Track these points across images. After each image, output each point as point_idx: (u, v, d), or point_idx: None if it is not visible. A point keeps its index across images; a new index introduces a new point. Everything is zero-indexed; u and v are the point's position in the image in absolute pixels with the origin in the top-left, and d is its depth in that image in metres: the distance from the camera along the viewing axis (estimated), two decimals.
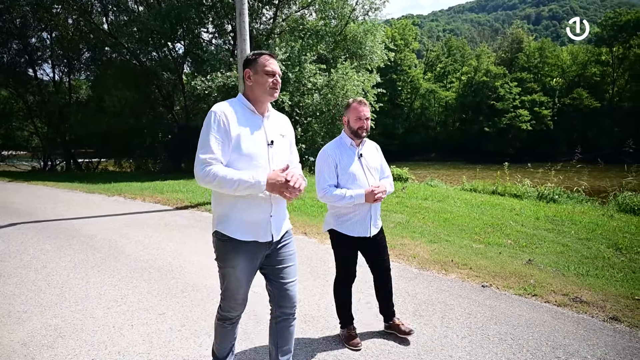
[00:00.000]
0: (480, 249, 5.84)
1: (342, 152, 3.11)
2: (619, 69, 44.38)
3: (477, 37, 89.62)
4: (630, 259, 5.53)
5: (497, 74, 46.15)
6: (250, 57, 2.37)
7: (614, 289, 4.40)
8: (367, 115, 3.10)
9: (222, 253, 2.36)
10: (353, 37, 18.55)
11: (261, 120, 2.36)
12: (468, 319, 3.68)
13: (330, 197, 3.02)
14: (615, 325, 3.58)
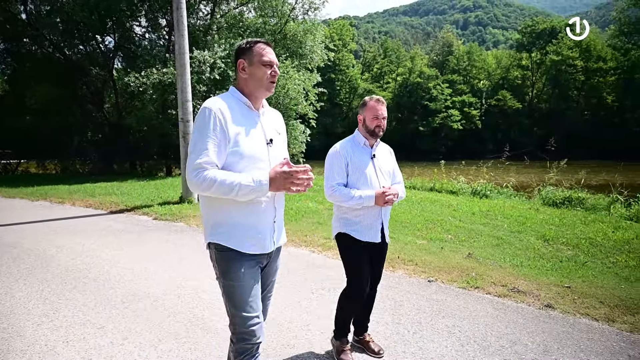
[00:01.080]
0: (424, 244, 6.04)
1: (354, 151, 2.93)
2: (537, 73, 48.09)
3: (411, 39, 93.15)
4: (556, 249, 5.98)
5: (430, 76, 48.26)
6: (244, 45, 2.10)
7: (546, 278, 4.73)
8: (384, 115, 2.92)
9: (225, 266, 2.02)
10: (293, 36, 18.52)
11: (258, 117, 2.12)
12: (418, 314, 3.78)
13: (338, 196, 2.83)
14: (549, 312, 3.84)
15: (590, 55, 43.85)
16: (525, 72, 48.61)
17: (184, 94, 8.99)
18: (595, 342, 3.31)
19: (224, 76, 14.52)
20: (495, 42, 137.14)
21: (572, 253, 5.84)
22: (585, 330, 3.51)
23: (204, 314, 3.75)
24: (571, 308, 3.91)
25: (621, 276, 4.95)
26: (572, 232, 6.73)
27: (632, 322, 3.64)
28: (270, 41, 18.21)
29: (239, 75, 2.11)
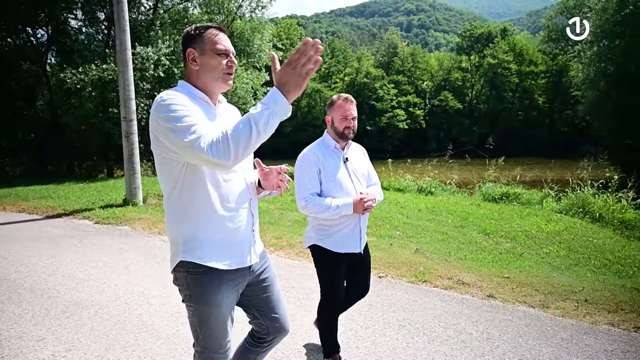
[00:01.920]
0: (374, 241, 6.19)
1: (325, 156, 2.70)
2: (476, 75, 50.52)
3: (358, 40, 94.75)
4: (496, 242, 6.34)
5: (376, 76, 49.31)
6: (192, 32, 1.79)
7: (487, 269, 5.01)
8: (354, 114, 2.71)
9: (200, 290, 1.76)
10: (240, 34, 18.28)
11: (216, 112, 1.84)
12: (369, 309, 3.88)
13: (313, 207, 2.58)
14: (491, 302, 4.07)
15: (523, 59, 46.75)
16: (465, 74, 50.89)
17: (127, 92, 8.62)
18: (531, 328, 3.55)
19: (169, 74, 14.07)
20: (437, 45, 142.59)
21: (510, 245, 6.22)
22: (523, 317, 3.76)
23: (153, 320, 3.63)
24: (510, 297, 4.17)
25: (553, 265, 5.34)
26: (510, 226, 7.16)
27: (563, 307, 3.95)
28: None
29: (189, 67, 1.80)
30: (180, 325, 3.50)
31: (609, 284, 4.63)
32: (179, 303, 3.93)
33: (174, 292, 4.17)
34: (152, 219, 7.50)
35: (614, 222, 7.63)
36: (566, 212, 8.44)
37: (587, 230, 7.08)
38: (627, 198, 8.38)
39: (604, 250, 5.95)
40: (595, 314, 3.81)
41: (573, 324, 3.65)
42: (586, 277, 4.91)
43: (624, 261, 5.51)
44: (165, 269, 4.87)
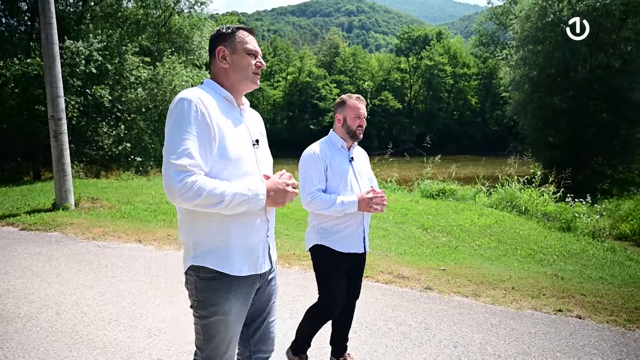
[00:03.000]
0: None
1: (332, 154, 2.68)
2: (414, 76, 52.45)
3: (300, 39, 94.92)
4: (434, 237, 6.66)
5: (318, 76, 49.72)
6: (224, 30, 1.79)
7: (425, 263, 5.26)
8: (365, 114, 2.71)
9: (209, 296, 1.70)
10: (179, 30, 17.72)
11: (240, 115, 1.83)
12: None
13: (318, 203, 2.53)
14: (429, 294, 4.29)
15: (457, 62, 49.23)
16: (404, 74, 52.64)
17: (55, 89, 8.08)
18: (465, 316, 3.79)
19: (102, 70, 13.35)
20: (377, 46, 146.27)
21: (447, 239, 6.56)
22: (457, 306, 3.99)
23: (88, 329, 3.46)
24: (446, 288, 4.41)
25: (485, 256, 5.71)
26: (446, 221, 7.55)
27: (493, 295, 4.24)
28: (154, 35, 17.26)
29: (218, 65, 1.78)
30: (119, 334, 3.38)
31: (533, 271, 5.03)
32: (117, 311, 3.78)
33: (110, 300, 4.01)
34: (86, 223, 7.11)
35: (537, 214, 8.28)
36: (496, 206, 9.02)
37: (514, 222, 7.62)
38: (549, 192, 9.11)
39: (528, 241, 6.45)
40: (520, 300, 4.13)
41: (502, 310, 3.93)
42: (513, 266, 5.30)
43: (546, 250, 6.00)
44: (101, 276, 4.65)
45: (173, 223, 6.93)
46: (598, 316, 3.81)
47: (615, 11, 19.06)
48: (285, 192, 1.74)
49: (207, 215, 1.66)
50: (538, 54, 21.64)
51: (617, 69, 20.32)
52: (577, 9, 19.55)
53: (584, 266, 5.49)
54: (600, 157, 21.53)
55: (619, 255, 6.20)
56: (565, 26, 18.94)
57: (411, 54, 52.39)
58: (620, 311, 3.89)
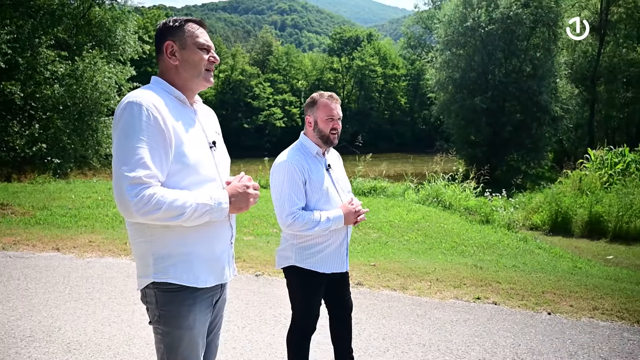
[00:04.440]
0: (251, 240, 6.23)
1: (309, 164, 2.35)
2: (347, 76, 53.52)
3: (232, 36, 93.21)
4: (365, 233, 6.87)
5: (252, 74, 49.15)
6: (171, 23, 1.65)
7: (357, 259, 5.41)
8: (340, 114, 2.40)
9: (172, 309, 1.59)
10: (100, 23, 16.65)
11: (194, 114, 1.70)
12: (247, 308, 3.92)
13: (303, 224, 2.24)
14: (360, 289, 4.42)
15: (387, 63, 50.97)
16: (336, 74, 53.51)
17: None
18: (393, 309, 3.96)
19: (12, 64, 12.23)
20: (310, 45, 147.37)
21: (377, 235, 6.79)
22: (386, 300, 4.16)
23: None
24: (376, 283, 4.58)
25: (412, 250, 5.99)
26: (377, 217, 7.81)
27: (419, 287, 4.47)
28: (72, 27, 16.08)
29: (167, 61, 1.64)
30: (33, 350, 3.13)
31: (455, 263, 5.36)
32: (31, 326, 3.50)
33: (23, 315, 3.70)
34: None
35: (460, 209, 8.82)
36: (423, 202, 9.49)
37: (439, 217, 8.06)
38: (470, 188, 9.74)
39: (452, 234, 6.86)
40: (444, 291, 4.39)
41: (427, 301, 4.16)
42: (438, 258, 5.61)
43: (467, 242, 6.42)
44: (12, 289, 4.27)
45: (96, 229, 6.53)
46: (511, 301, 4.15)
47: (525, 20, 20.75)
48: (247, 196, 1.66)
49: (166, 226, 1.54)
50: (460, 57, 23.01)
51: (528, 74, 22.14)
52: (493, 17, 21.04)
53: (500, 256, 5.95)
54: (515, 154, 23.37)
55: (530, 245, 6.79)
56: (565, 26, 20.24)
57: (343, 54, 53.39)
58: (530, 295, 4.27)
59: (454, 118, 24.12)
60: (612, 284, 4.78)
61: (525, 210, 11.01)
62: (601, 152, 14.49)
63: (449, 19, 22.81)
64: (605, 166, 14.13)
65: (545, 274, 5.03)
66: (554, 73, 21.93)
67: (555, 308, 3.99)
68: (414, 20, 46.27)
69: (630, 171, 13.61)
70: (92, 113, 14.61)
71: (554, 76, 22.02)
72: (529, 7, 20.86)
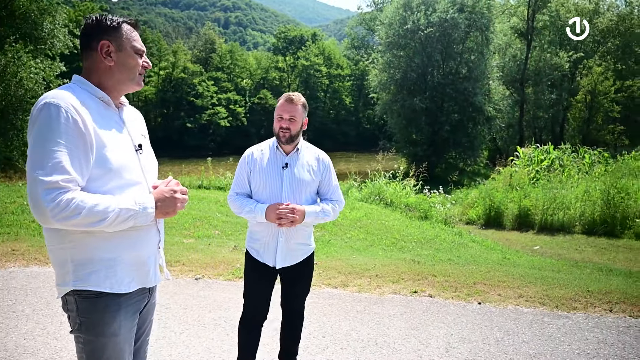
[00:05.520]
0: (191, 243, 6.07)
1: (265, 157, 2.51)
2: (292, 75, 53.53)
3: (173, 33, 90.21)
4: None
5: (194, 72, 47.84)
6: (108, 22, 1.58)
7: None
8: (292, 115, 2.41)
9: (94, 316, 1.53)
10: (24, 14, 15.51)
11: (119, 117, 1.65)
12: (184, 313, 3.81)
13: (231, 204, 2.56)
14: None
15: (332, 63, 51.54)
16: (282, 73, 53.37)
17: None
18: (334, 306, 4.01)
19: None
20: (255, 44, 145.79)
21: (320, 234, 6.85)
22: (327, 297, 4.21)
23: None
24: (317, 281, 4.61)
25: (354, 248, 6.11)
26: None
27: (359, 284, 4.56)
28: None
29: (99, 61, 1.57)
30: None
31: (395, 258, 5.53)
32: None
33: None
34: None
35: (400, 206, 9.10)
36: (366, 200, 9.70)
37: (381, 214, 8.27)
38: (410, 185, 10.08)
39: (392, 231, 7.06)
40: (383, 286, 4.51)
41: (366, 297, 4.25)
42: (378, 255, 5.76)
43: (407, 238, 6.64)
44: None
45: (20, 236, 6.08)
46: (445, 293, 4.35)
47: (461, 24, 21.78)
48: (174, 200, 1.62)
49: (88, 232, 1.48)
50: (401, 58, 23.74)
51: (464, 76, 23.27)
52: (431, 20, 21.89)
53: (436, 250, 6.21)
54: (453, 152, 24.49)
55: (465, 238, 7.15)
56: (566, 26, 21.07)
57: (288, 53, 53.36)
58: (463, 287, 4.49)
59: (396, 118, 24.84)
60: (536, 272, 5.14)
61: (462, 205, 11.56)
62: (529, 149, 15.54)
63: (390, 21, 23.46)
64: (533, 163, 15.17)
65: (477, 265, 5.32)
66: (487, 75, 23.21)
67: (485, 298, 4.23)
68: (358, 22, 47.11)
69: (554, 167, 14.71)
70: (17, 111, 13.63)
71: (487, 78, 23.31)
72: (464, 12, 21.90)
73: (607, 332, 3.55)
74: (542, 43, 28.02)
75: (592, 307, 4.05)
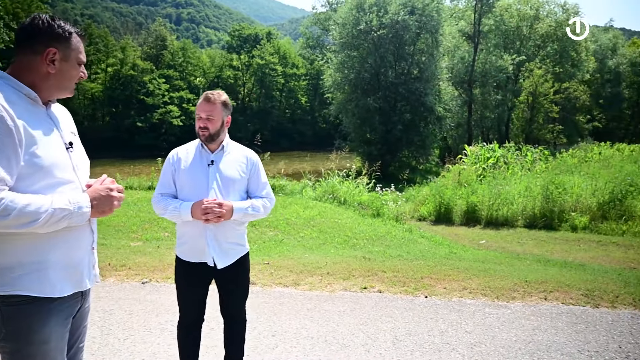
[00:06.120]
0: (139, 246, 5.89)
1: (190, 156, 2.49)
2: (247, 74, 52.91)
3: (121, 28, 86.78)
4: (261, 232, 6.87)
5: (144, 69, 46.23)
6: (60, 31, 1.53)
7: (251, 258, 5.31)
8: (209, 114, 2.40)
9: (21, 324, 1.44)
10: None
11: (47, 114, 1.58)
12: (130, 319, 3.70)
13: (155, 206, 2.48)
14: (252, 288, 4.34)
15: (287, 62, 51.41)
16: (236, 72, 52.62)
17: None
18: (284, 305, 4.02)
19: None
20: (208, 41, 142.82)
21: (273, 233, 6.83)
22: (278, 297, 4.21)
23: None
24: (269, 281, 4.61)
25: (307, 247, 6.14)
26: (274, 216, 7.84)
27: (311, 282, 4.59)
28: None
29: (39, 64, 1.52)
30: None
31: (346, 256, 5.61)
32: None
33: None
34: None
35: (354, 204, 9.24)
36: (320, 198, 9.76)
37: (334, 213, 8.35)
38: (363, 183, 10.24)
39: (345, 229, 7.16)
40: (334, 283, 4.56)
41: (317, 295, 4.29)
42: (330, 253, 5.82)
43: (358, 235, 6.75)
44: None
45: None
46: (394, 288, 4.46)
47: (412, 26, 22.35)
48: (111, 199, 1.58)
49: (16, 233, 1.41)
50: (354, 58, 24.04)
51: (415, 76, 23.90)
52: (384, 21, 22.32)
53: (387, 246, 6.35)
54: (406, 151, 25.11)
55: (414, 235, 7.36)
56: (566, 26, 21.49)
57: (243, 51, 52.67)
58: (410, 282, 4.62)
59: (351, 117, 25.14)
60: (480, 265, 5.38)
61: (414, 202, 11.89)
62: (476, 148, 16.22)
63: (344, 21, 23.71)
64: (480, 161, 15.85)
65: (425, 260, 5.49)
66: (437, 76, 23.95)
67: (431, 291, 4.38)
68: (312, 21, 47.25)
69: (499, 165, 15.44)
70: None
71: (437, 79, 24.05)
72: (415, 15, 22.49)
73: (542, 319, 3.78)
74: (488, 46, 29.33)
75: (529, 296, 4.29)
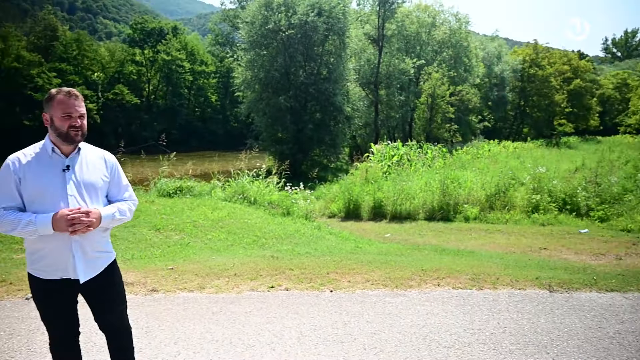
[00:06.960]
0: (23, 258, 5.31)
1: (36, 163, 2.21)
2: (152, 70, 50.08)
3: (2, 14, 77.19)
4: (166, 236, 6.58)
5: (31, 62, 41.68)
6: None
7: (154, 264, 5.14)
8: (81, 112, 2.26)
9: None
10: None
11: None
12: (10, 340, 3.35)
13: (1, 224, 2.10)
14: (154, 295, 4.22)
15: (195, 59, 49.57)
16: (140, 68, 49.56)
17: None
18: (188, 310, 3.90)
19: None
20: (108, 34, 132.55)
21: (179, 237, 6.58)
22: (182, 303, 4.07)
23: None
24: (172, 286, 4.44)
25: (214, 249, 6.01)
26: (180, 218, 7.56)
27: (217, 285, 4.51)
28: None
29: None
30: None
31: (254, 256, 5.59)
32: None
33: None
34: None
35: (264, 203, 9.22)
36: (230, 199, 9.59)
37: (244, 213, 8.27)
38: (273, 182, 10.26)
39: (254, 229, 7.12)
40: (241, 284, 4.53)
41: (224, 297, 4.23)
42: (238, 254, 5.76)
43: (267, 235, 6.76)
44: None
45: None
46: (301, 285, 4.55)
47: (320, 27, 22.80)
48: None
49: None
50: (264, 57, 23.91)
51: (324, 77, 24.43)
52: (292, 22, 22.49)
53: (295, 244, 6.44)
54: (317, 150, 25.58)
55: (323, 231, 7.55)
56: (568, 26, 21.72)
57: (147, 46, 49.74)
58: (317, 277, 4.74)
59: (262, 116, 24.98)
60: (382, 257, 5.68)
61: (325, 200, 12.18)
62: (381, 146, 17.06)
63: (252, 20, 23.45)
64: (385, 158, 16.71)
65: (331, 256, 5.66)
66: (345, 77, 24.72)
67: (336, 285, 4.54)
68: (221, 18, 46.15)
69: (403, 162, 16.41)
70: None
71: (345, 80, 24.82)
72: (322, 16, 22.96)
73: (435, 304, 4.11)
74: (392, 50, 30.94)
75: (425, 283, 4.63)
